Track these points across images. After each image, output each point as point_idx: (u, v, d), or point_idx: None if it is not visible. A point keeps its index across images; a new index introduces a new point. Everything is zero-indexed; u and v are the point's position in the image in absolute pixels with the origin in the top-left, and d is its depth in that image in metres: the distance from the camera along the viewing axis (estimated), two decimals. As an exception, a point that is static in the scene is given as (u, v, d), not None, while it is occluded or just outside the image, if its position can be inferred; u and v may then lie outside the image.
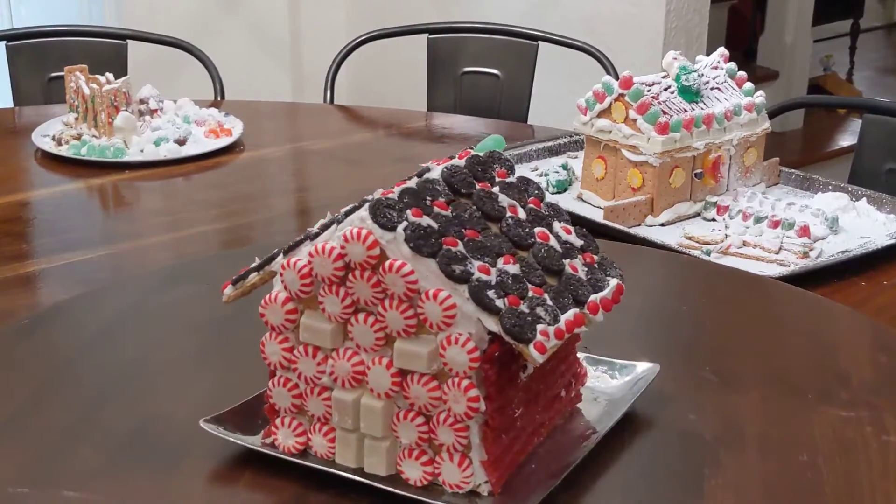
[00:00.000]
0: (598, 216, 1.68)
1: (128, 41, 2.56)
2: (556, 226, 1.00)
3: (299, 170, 2.11)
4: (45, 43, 2.54)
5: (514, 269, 0.92)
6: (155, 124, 2.07)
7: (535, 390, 0.97)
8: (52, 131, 2.07)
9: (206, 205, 1.84)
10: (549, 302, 0.92)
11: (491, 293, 0.88)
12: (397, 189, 0.92)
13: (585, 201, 1.78)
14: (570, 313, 0.92)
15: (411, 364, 0.91)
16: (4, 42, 2.53)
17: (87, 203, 1.91)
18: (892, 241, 1.60)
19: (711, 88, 1.79)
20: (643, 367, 1.10)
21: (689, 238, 1.64)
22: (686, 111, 1.73)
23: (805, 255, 1.56)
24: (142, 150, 2.00)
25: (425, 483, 0.93)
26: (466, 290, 0.87)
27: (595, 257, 1.00)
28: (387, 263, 0.89)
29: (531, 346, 0.87)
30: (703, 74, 1.79)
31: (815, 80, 5.34)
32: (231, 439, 0.99)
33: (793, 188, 1.86)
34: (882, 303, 1.47)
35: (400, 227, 0.89)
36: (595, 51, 2.45)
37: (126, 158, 1.98)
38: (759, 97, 1.81)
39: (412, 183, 0.94)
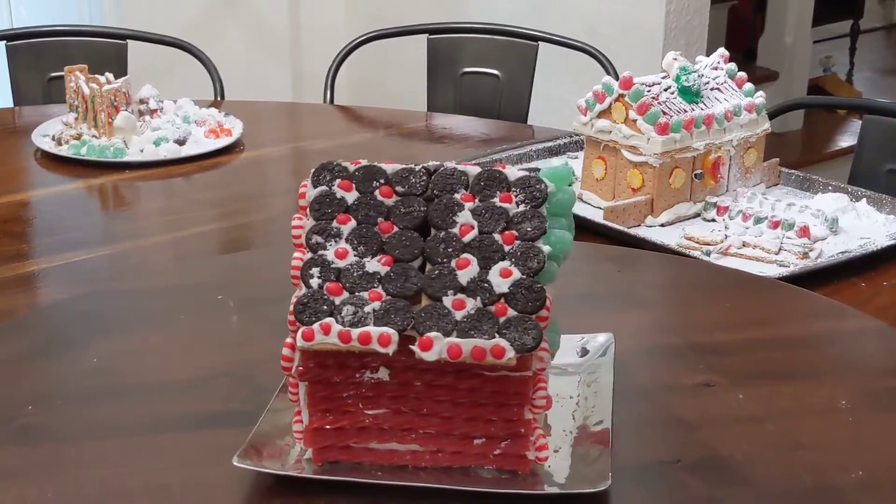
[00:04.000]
0: (597, 217, 1.68)
1: (128, 41, 2.56)
2: (498, 266, 0.92)
3: (299, 170, 2.11)
4: (45, 43, 2.54)
5: (376, 267, 0.92)
6: (155, 124, 2.07)
7: (411, 407, 0.94)
8: (52, 131, 2.07)
9: (206, 205, 1.84)
10: (368, 309, 0.89)
11: (315, 271, 0.92)
12: (364, 161, 0.98)
13: (585, 202, 1.78)
14: (379, 329, 0.88)
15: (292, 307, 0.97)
16: (4, 42, 2.52)
17: (87, 203, 1.91)
18: (892, 242, 1.61)
19: (711, 89, 1.79)
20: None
21: (689, 239, 1.64)
22: (686, 112, 1.73)
23: (805, 255, 1.56)
24: (142, 150, 2.00)
25: None
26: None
27: (510, 312, 0.89)
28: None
29: (300, 329, 0.89)
30: (703, 75, 1.79)
31: (815, 81, 5.33)
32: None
33: (793, 189, 1.86)
34: (882, 303, 1.47)
35: (319, 188, 0.96)
36: (595, 51, 2.45)
37: (126, 158, 1.98)
38: (759, 98, 1.81)
39: (391, 166, 0.98)
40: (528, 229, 0.93)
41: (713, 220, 1.72)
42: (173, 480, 0.97)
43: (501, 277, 0.91)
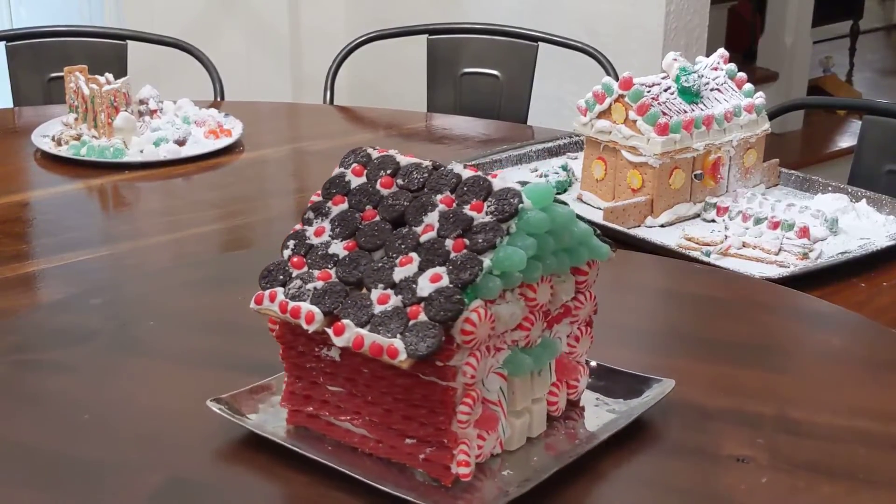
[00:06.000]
0: (597, 217, 1.68)
1: (127, 41, 2.56)
2: (432, 270, 0.90)
3: (299, 170, 2.11)
4: (44, 43, 2.54)
5: (338, 249, 0.96)
6: (154, 125, 2.07)
7: (360, 392, 0.96)
8: (52, 132, 2.07)
9: (206, 205, 1.84)
10: (310, 287, 0.94)
11: (292, 243, 0.98)
12: (392, 152, 1.01)
13: (585, 202, 1.78)
14: (308, 307, 0.93)
15: None
16: (4, 42, 2.52)
17: (87, 203, 1.91)
18: (892, 243, 1.61)
19: (711, 89, 1.79)
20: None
21: (689, 239, 1.64)
22: (686, 112, 1.73)
23: (805, 256, 1.56)
24: (141, 151, 2.00)
25: None
26: None
27: (421, 316, 0.88)
28: None
29: (256, 293, 0.97)
30: (702, 75, 1.79)
31: (815, 82, 5.34)
32: None
33: (792, 189, 1.86)
34: (881, 304, 1.47)
35: (339, 170, 1.02)
36: (595, 51, 2.45)
37: (126, 159, 1.98)
38: (759, 98, 1.81)
39: (407, 159, 1.00)
40: (479, 240, 0.91)
41: (713, 221, 1.71)
42: (175, 406, 1.07)
43: (430, 282, 0.90)
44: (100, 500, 0.94)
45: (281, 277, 0.96)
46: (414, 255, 0.92)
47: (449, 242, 0.92)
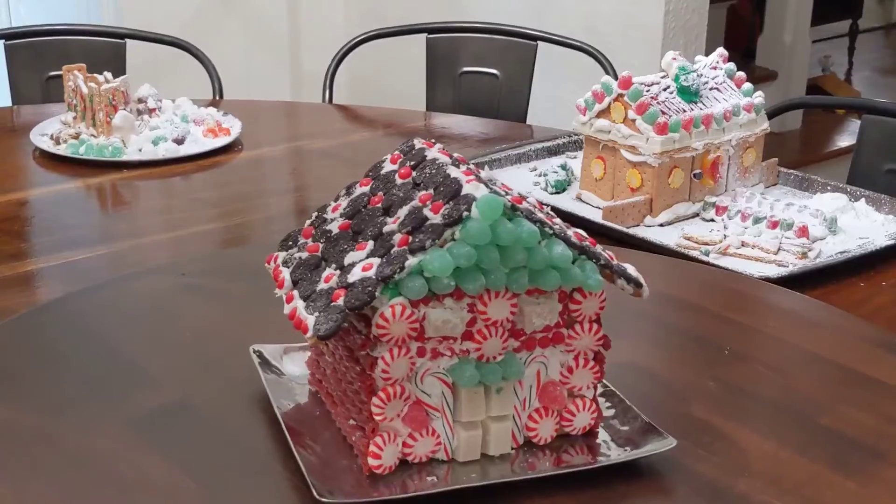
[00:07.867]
0: (596, 216, 1.68)
1: (126, 40, 2.56)
2: (371, 259, 0.91)
3: (298, 169, 2.11)
4: (43, 42, 2.54)
5: (334, 227, 1.00)
6: (153, 123, 2.07)
7: (338, 367, 0.99)
8: (51, 130, 2.07)
9: (205, 204, 1.84)
10: (297, 256, 1.00)
11: (315, 215, 1.04)
12: (436, 146, 1.05)
13: (584, 202, 1.78)
14: (285, 273, 0.99)
15: None
16: (3, 41, 2.52)
17: (86, 202, 1.91)
18: (891, 242, 1.61)
19: (710, 89, 1.79)
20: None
21: (688, 238, 1.64)
22: (685, 111, 1.73)
23: (804, 255, 1.56)
24: (140, 150, 2.00)
25: None
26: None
27: (339, 301, 0.89)
28: None
29: (269, 255, 1.05)
30: (701, 75, 1.79)
31: (814, 81, 5.33)
32: None
33: (791, 189, 1.86)
34: (880, 303, 1.47)
35: (388, 154, 1.06)
36: (594, 51, 2.45)
37: (124, 157, 1.98)
38: (758, 97, 1.81)
39: (435, 153, 1.02)
40: (416, 241, 0.89)
41: (712, 220, 1.72)
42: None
43: (361, 270, 0.90)
44: (109, 399, 1.06)
45: (290, 243, 1.03)
46: (371, 242, 0.93)
47: (398, 237, 0.91)
